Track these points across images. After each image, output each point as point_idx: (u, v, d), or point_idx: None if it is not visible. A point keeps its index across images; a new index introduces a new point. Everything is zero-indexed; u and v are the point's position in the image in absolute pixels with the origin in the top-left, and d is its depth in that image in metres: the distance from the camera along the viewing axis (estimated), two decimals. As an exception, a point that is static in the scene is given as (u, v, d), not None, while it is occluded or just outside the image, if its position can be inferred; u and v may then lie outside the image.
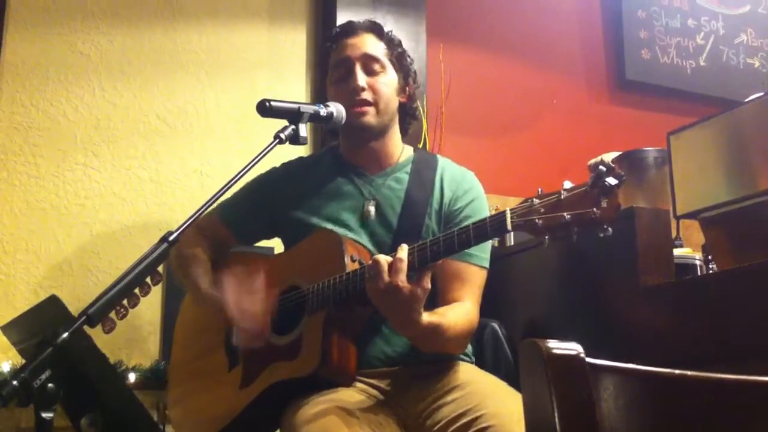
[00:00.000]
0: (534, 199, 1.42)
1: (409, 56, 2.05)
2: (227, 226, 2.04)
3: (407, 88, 2.02)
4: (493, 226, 1.48)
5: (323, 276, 1.72)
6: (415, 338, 1.69)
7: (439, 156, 2.06)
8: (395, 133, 2.01)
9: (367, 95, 1.90)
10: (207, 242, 2.03)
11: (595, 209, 1.33)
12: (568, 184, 1.39)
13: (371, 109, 1.90)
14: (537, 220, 1.39)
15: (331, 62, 1.99)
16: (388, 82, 1.95)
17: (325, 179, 1.99)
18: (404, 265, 1.52)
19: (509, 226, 1.44)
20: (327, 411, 1.61)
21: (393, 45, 2.00)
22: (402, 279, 1.52)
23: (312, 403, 1.67)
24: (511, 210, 1.44)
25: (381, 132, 1.95)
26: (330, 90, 1.98)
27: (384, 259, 1.55)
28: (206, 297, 1.88)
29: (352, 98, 1.90)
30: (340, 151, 2.05)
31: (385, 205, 1.91)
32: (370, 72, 1.93)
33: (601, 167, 1.33)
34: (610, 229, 1.34)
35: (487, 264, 1.88)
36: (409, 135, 2.09)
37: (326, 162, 2.05)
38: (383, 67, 1.95)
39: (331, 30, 2.05)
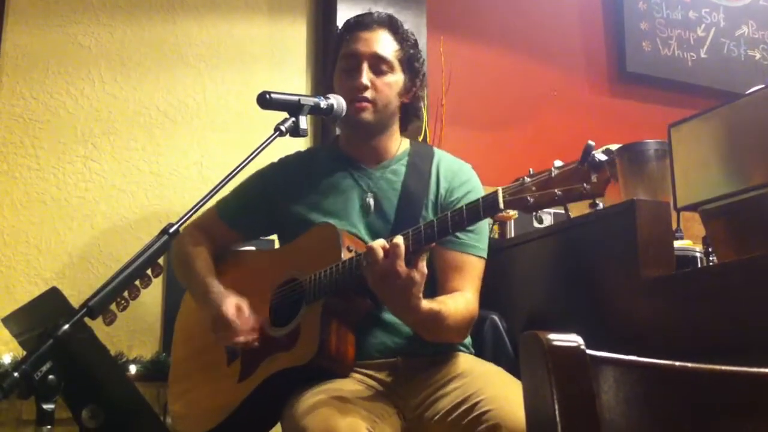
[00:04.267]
0: (525, 178, 1.44)
1: (420, 57, 2.02)
2: (226, 223, 2.04)
3: (413, 89, 2.00)
4: (485, 205, 1.50)
5: (321, 267, 1.73)
6: (415, 324, 1.70)
7: (435, 148, 2.05)
8: (394, 131, 2.00)
9: (368, 94, 1.90)
10: (208, 240, 2.03)
11: (585, 184, 1.35)
12: (558, 163, 1.40)
13: (370, 106, 1.90)
14: (529, 198, 1.42)
15: (342, 51, 1.97)
16: (392, 82, 1.93)
17: (323, 173, 1.98)
18: (401, 250, 1.52)
19: (501, 205, 1.46)
20: (327, 402, 1.61)
21: (406, 45, 1.97)
22: (400, 264, 1.52)
23: (312, 393, 1.67)
24: (503, 189, 1.47)
25: (378, 130, 1.95)
26: (336, 76, 1.98)
27: (380, 244, 1.55)
28: (207, 293, 1.87)
29: (353, 94, 1.90)
30: (339, 144, 2.05)
31: (382, 198, 1.92)
32: (376, 71, 1.92)
33: (590, 142, 1.35)
34: (600, 203, 1.36)
35: (485, 254, 1.88)
36: (408, 131, 2.08)
37: (324, 156, 2.05)
38: (391, 67, 1.93)
39: (349, 19, 2.03)
